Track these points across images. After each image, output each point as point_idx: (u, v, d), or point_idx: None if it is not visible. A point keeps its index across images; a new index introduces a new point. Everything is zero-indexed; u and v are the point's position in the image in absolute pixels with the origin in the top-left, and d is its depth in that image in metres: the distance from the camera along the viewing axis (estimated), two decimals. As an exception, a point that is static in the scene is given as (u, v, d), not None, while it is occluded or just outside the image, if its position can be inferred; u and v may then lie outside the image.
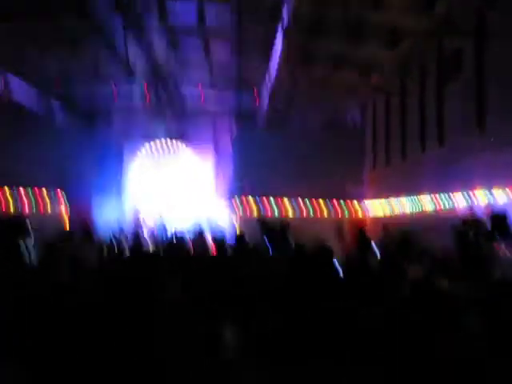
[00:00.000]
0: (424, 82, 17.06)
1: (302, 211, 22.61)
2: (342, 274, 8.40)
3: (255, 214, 22.22)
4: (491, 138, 12.53)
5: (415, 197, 16.78)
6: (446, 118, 15.44)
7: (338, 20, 14.63)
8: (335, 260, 8.86)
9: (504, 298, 5.58)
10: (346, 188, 22.97)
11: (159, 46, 18.51)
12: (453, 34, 14.24)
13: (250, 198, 22.82)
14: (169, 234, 18.89)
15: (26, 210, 20.15)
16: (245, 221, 21.90)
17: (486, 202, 12.58)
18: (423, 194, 16.19)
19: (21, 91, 20.43)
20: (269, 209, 22.61)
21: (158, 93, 23.39)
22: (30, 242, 10.81)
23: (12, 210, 19.56)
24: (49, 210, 21.59)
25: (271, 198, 22.66)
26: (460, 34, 14.02)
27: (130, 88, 22.76)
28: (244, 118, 25.62)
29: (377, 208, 21.18)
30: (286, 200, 22.69)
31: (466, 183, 13.48)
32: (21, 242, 10.57)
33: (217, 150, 26.69)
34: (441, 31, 14.32)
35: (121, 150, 26.50)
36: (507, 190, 11.62)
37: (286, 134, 24.26)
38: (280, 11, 13.20)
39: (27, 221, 11.72)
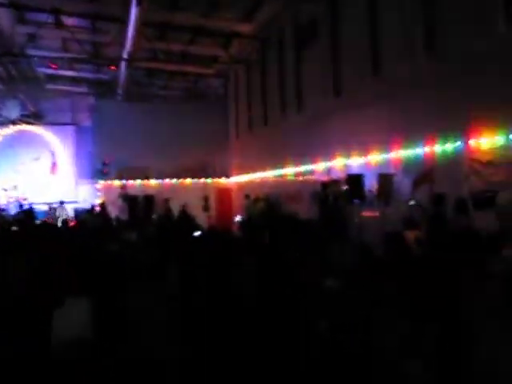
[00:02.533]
0: (282, 50, 17.42)
1: (165, 184, 22.51)
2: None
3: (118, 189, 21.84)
4: (346, 103, 13.06)
5: (278, 163, 17.18)
6: (305, 84, 15.91)
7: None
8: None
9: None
10: (211, 161, 23.15)
11: (5, 21, 17.34)
12: (307, 2, 14.62)
13: (115, 181, 22.38)
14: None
15: None
16: (109, 198, 21.49)
17: (343, 165, 13.15)
18: (285, 159, 16.61)
19: None
20: (133, 183, 22.31)
21: (9, 73, 22.03)
22: None
23: None
24: None
25: (137, 180, 22.37)
26: (312, 1, 14.43)
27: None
28: (104, 93, 24.90)
29: (241, 178, 21.49)
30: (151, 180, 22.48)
31: (325, 148, 13.99)
32: None
33: (77, 129, 25.81)
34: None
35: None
36: (363, 153, 12.20)
37: (147, 107, 23.94)
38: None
39: None
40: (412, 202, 9.98)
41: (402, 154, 10.94)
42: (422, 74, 10.34)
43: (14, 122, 25.12)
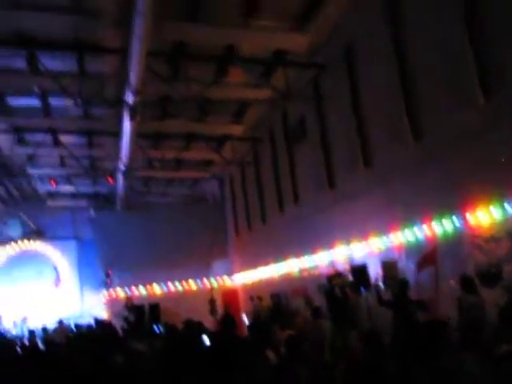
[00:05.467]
0: (274, 149, 17.87)
1: (170, 291, 22.35)
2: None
3: (124, 300, 21.62)
4: (342, 194, 13.29)
5: (279, 259, 17.19)
6: (300, 179, 16.20)
7: (182, 100, 15.04)
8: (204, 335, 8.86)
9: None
10: (213, 261, 23.20)
11: (5, 143, 17.90)
12: (293, 101, 15.15)
13: (118, 289, 22.28)
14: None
15: None
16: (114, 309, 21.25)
17: (346, 255, 13.16)
18: (287, 253, 16.63)
19: None
20: (137, 293, 22.12)
21: (10, 193, 22.48)
22: None
23: None
24: None
25: (140, 286, 22.26)
26: (299, 101, 14.95)
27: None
28: (103, 205, 25.25)
29: (245, 277, 21.38)
30: (154, 285, 22.37)
31: (324, 238, 14.06)
32: None
33: (78, 243, 26.07)
34: (282, 101, 15.17)
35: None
36: (363, 240, 12.25)
37: (146, 215, 24.21)
38: (124, 97, 13.34)
39: None
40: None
41: (402, 237, 10.99)
42: (411, 159, 10.58)
43: (16, 241, 25.38)
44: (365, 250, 12.30)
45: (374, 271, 11.62)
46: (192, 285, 22.54)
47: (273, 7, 11.87)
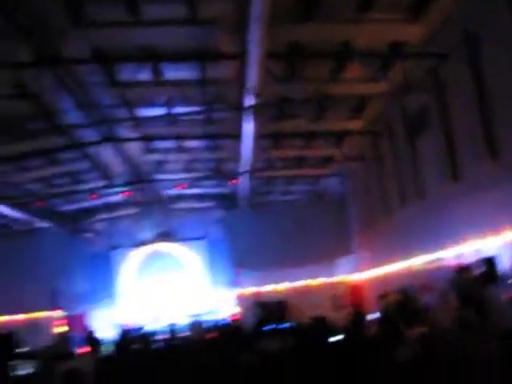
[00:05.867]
0: (395, 142, 17.55)
1: (295, 287, 22.57)
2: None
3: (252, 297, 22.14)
4: (468, 186, 12.82)
5: (405, 254, 16.85)
6: (422, 172, 15.80)
7: (301, 100, 15.20)
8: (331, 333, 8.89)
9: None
10: (337, 258, 23.24)
11: (135, 152, 19.00)
12: (413, 93, 14.82)
13: (247, 287, 22.89)
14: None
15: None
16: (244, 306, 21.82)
17: (475, 249, 12.69)
18: (412, 249, 16.28)
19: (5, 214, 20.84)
20: (265, 290, 22.55)
21: (142, 198, 23.80)
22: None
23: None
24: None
25: (267, 283, 22.68)
26: (419, 91, 14.59)
27: (114, 196, 23.15)
28: (228, 205, 26.04)
29: (369, 273, 21.14)
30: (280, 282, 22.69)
31: (451, 232, 13.63)
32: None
33: (208, 242, 27.06)
34: (401, 93, 14.89)
35: (111, 257, 26.90)
36: (493, 234, 11.76)
37: (271, 212, 24.69)
38: (245, 99, 13.75)
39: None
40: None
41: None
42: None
43: (149, 243, 26.86)
44: (494, 243, 11.81)
45: (506, 266, 11.14)
46: (317, 281, 22.63)
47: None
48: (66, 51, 11.94)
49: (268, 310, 21.22)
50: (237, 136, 16.64)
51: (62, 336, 18.24)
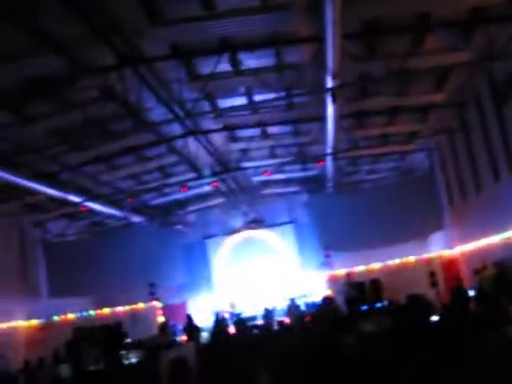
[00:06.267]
0: (482, 113, 16.94)
1: (389, 266, 22.21)
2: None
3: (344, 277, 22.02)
4: None
5: (499, 228, 16.28)
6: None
7: (381, 77, 14.93)
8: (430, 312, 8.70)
9: None
10: (429, 234, 22.80)
11: (220, 142, 19.35)
12: (498, 60, 14.23)
13: (338, 268, 22.83)
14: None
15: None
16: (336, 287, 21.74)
17: None
18: (505, 224, 15.70)
19: (100, 211, 21.83)
20: (357, 270, 22.36)
21: (229, 187, 24.24)
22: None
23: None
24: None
25: (359, 264, 22.47)
26: (506, 59, 13.98)
27: (202, 187, 23.70)
28: (314, 188, 26.04)
29: (464, 247, 20.58)
30: (373, 262, 22.40)
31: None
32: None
33: (296, 226, 27.25)
34: (486, 61, 14.33)
35: (204, 247, 27.64)
36: None
37: (358, 192, 24.49)
38: (324, 80, 13.67)
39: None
40: None
41: None
42: None
43: (238, 231, 27.37)
44: None
45: None
46: (410, 259, 22.23)
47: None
48: (145, 50, 12.32)
49: (361, 290, 21.12)
50: (319, 118, 16.60)
51: (164, 326, 18.93)
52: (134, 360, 14.66)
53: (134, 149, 18.11)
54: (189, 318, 20.02)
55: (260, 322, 20.23)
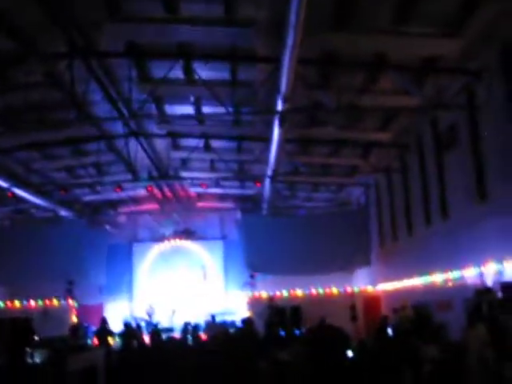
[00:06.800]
0: (422, 157, 17.35)
1: (311, 295, 22.31)
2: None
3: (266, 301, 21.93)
4: (495, 207, 12.59)
5: (424, 272, 16.63)
6: (449, 190, 15.56)
7: (332, 106, 15.07)
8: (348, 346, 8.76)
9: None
10: (355, 269, 23.10)
11: (161, 148, 19.07)
12: (444, 109, 14.62)
13: (261, 291, 22.75)
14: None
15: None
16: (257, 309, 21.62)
17: (497, 272, 12.46)
18: (433, 268, 16.06)
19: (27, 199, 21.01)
20: (280, 295, 22.34)
21: (163, 193, 23.90)
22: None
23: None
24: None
25: (282, 289, 22.47)
26: (451, 109, 14.38)
27: (136, 190, 23.25)
28: (249, 207, 26.01)
29: (388, 286, 20.93)
30: (296, 288, 22.45)
31: (474, 254, 13.40)
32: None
33: (225, 243, 27.13)
34: (432, 108, 14.69)
35: (130, 250, 27.09)
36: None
37: (291, 218, 24.61)
38: (275, 103, 13.67)
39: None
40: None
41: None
42: None
43: (168, 239, 26.99)
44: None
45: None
46: (334, 290, 22.40)
47: (425, 13, 11.52)
48: (100, 44, 12.01)
49: (282, 315, 21.06)
50: (264, 139, 16.58)
51: (77, 326, 18.30)
52: (38, 360, 13.96)
53: (72, 141, 17.61)
54: (103, 321, 19.38)
55: (176, 334, 19.84)
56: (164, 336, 16.14)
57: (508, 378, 5.88)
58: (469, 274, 13.80)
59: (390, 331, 16.21)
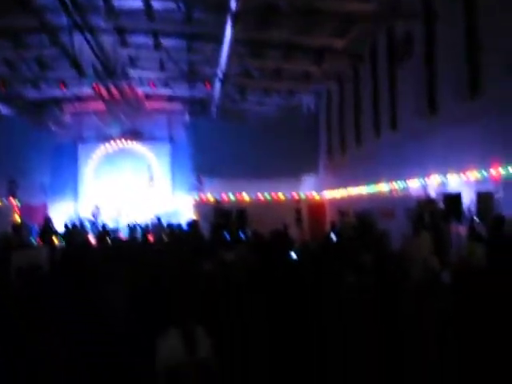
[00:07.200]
0: (375, 67, 17.21)
1: (258, 199, 22.46)
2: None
3: (212, 204, 21.99)
4: (443, 121, 12.71)
5: (370, 182, 16.93)
6: (399, 102, 15.60)
7: (286, 9, 14.60)
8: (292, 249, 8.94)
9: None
10: (303, 175, 23.31)
11: (108, 44, 18.19)
12: (401, 18, 14.38)
13: (208, 194, 22.77)
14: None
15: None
16: (203, 212, 21.71)
17: (440, 184, 12.77)
18: (379, 177, 16.35)
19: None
20: (226, 199, 22.42)
21: (110, 92, 23.09)
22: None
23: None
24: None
25: (229, 193, 22.51)
26: (408, 17, 14.15)
27: (82, 88, 22.36)
28: (198, 110, 25.57)
29: (333, 193, 21.28)
30: (243, 192, 22.52)
31: (420, 166, 13.64)
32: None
33: (173, 146, 26.78)
34: (388, 16, 14.43)
35: (75, 150, 26.47)
36: (460, 171, 11.81)
37: (240, 124, 24.36)
38: (228, 1, 13.14)
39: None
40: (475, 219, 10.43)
41: (502, 171, 10.48)
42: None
43: (114, 140, 26.38)
44: (460, 180, 11.87)
45: (468, 203, 11.26)
46: (280, 195, 22.59)
47: None
48: None
49: (227, 218, 21.21)
50: (216, 39, 16.04)
51: (20, 226, 18.00)
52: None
53: (12, 31, 16.59)
54: (47, 220, 19.15)
55: (122, 235, 19.83)
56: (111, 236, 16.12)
57: (448, 286, 6.10)
58: (413, 184, 14.12)
59: (333, 236, 16.62)
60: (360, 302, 5.92)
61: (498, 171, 10.59)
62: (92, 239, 16.50)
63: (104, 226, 19.75)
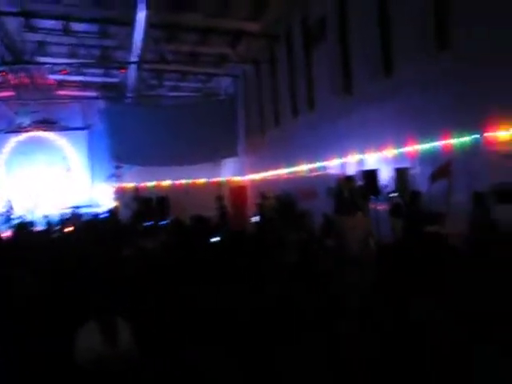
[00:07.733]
0: (291, 49, 17.31)
1: (178, 185, 22.14)
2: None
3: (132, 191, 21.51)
4: (358, 101, 12.94)
5: (290, 163, 17.07)
6: (316, 83, 15.76)
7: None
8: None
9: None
10: (222, 160, 23.26)
11: (13, 29, 17.38)
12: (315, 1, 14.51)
13: (127, 181, 22.31)
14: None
15: None
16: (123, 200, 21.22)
17: (359, 162, 13.03)
18: (298, 158, 16.50)
19: None
20: (146, 186, 21.98)
21: (20, 80, 22.13)
22: None
23: None
24: None
25: (148, 180, 22.10)
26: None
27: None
28: (114, 97, 24.96)
29: (254, 176, 21.32)
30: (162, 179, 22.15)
31: (338, 145, 13.87)
32: None
33: (89, 134, 26.07)
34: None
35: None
36: (377, 149, 12.09)
37: (157, 108, 23.98)
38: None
39: None
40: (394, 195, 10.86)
41: (418, 148, 10.81)
42: (436, 71, 10.19)
43: (26, 129, 25.34)
44: (378, 157, 12.16)
45: (386, 179, 11.54)
46: (200, 180, 22.37)
47: None
48: None
49: (148, 205, 20.85)
50: (128, 23, 15.62)
51: None
52: None
53: None
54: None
55: (38, 228, 19.14)
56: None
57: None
58: (332, 164, 14.34)
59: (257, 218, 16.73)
60: (283, 279, 5.94)
61: (414, 148, 10.90)
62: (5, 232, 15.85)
63: (20, 218, 19.06)
